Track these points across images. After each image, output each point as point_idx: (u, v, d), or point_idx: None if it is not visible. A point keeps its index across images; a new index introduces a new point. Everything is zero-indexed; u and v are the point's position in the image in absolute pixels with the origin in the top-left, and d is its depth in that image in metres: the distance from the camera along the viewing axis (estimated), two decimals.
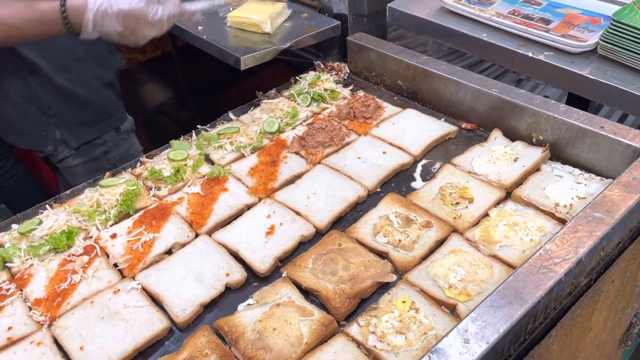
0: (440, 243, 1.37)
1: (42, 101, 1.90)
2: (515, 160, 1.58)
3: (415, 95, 1.94)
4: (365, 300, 1.27)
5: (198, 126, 1.91)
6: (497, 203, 1.47)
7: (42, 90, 1.88)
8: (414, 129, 1.76)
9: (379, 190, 1.58)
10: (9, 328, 1.24)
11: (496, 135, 1.69)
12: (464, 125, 1.79)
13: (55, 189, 3.23)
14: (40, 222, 1.45)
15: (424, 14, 2.07)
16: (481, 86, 1.72)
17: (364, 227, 1.43)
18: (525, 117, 1.63)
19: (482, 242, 1.35)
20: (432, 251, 1.36)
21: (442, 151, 1.71)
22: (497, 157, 1.60)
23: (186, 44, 3.64)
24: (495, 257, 1.32)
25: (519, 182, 1.52)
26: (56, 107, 1.93)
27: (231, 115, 1.98)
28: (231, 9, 2.23)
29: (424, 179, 1.61)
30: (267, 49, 1.97)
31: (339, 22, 2.14)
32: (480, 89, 1.71)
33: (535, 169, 1.56)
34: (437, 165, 1.64)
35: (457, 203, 1.46)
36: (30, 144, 2.03)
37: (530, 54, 1.77)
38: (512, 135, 1.68)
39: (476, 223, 1.42)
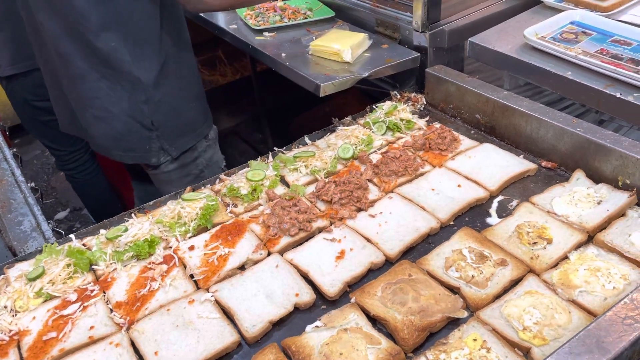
0: (515, 283, 1.33)
1: (145, 116, 2.02)
2: (598, 203, 1.52)
3: (493, 130, 1.91)
4: (433, 334, 1.25)
5: (275, 148, 1.98)
6: (578, 246, 1.41)
7: (147, 107, 2.00)
8: (491, 164, 1.73)
9: (452, 223, 1.56)
10: (91, 327, 1.31)
11: (579, 176, 1.63)
12: (544, 164, 1.74)
13: (123, 188, 3.44)
14: (126, 230, 1.54)
15: (506, 50, 2.04)
16: (565, 125, 1.68)
17: (436, 260, 1.41)
18: (611, 159, 1.57)
19: (560, 286, 1.30)
20: (506, 290, 1.32)
21: (519, 188, 1.67)
22: (579, 199, 1.54)
23: (265, 69, 3.81)
24: (574, 302, 1.26)
25: (602, 226, 1.46)
26: (158, 121, 2.05)
27: (307, 139, 2.03)
28: (314, 37, 2.31)
29: (500, 216, 1.57)
30: (347, 77, 2.02)
31: (419, 54, 2.16)
32: (564, 128, 1.67)
33: (621, 213, 1.49)
34: (514, 203, 1.60)
35: (534, 243, 1.42)
36: (136, 158, 2.14)
37: (618, 95, 1.70)
38: (595, 177, 1.62)
39: (554, 265, 1.37)
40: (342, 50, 2.10)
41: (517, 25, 2.19)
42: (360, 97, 3.16)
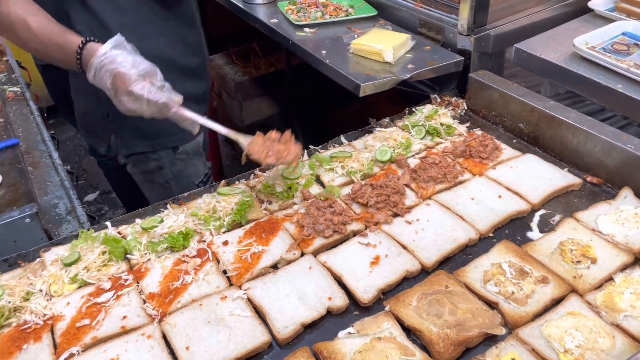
0: (556, 302, 1.29)
1: (103, 107, 2.02)
2: None
3: (536, 140, 1.86)
4: (469, 350, 1.22)
5: (310, 146, 1.95)
6: (624, 268, 1.36)
7: (105, 97, 1.85)
8: (533, 176, 1.68)
9: (491, 235, 1.52)
10: (124, 317, 1.31)
11: (626, 194, 1.57)
12: (589, 179, 1.68)
13: None
14: (162, 221, 1.54)
15: (554, 58, 1.98)
16: (614, 140, 1.62)
17: (474, 273, 1.38)
18: None
19: (604, 308, 1.25)
20: (546, 309, 1.28)
21: (562, 203, 1.61)
22: (625, 218, 1.49)
23: (299, 64, 3.79)
24: (618, 326, 1.22)
25: None
26: (114, 116, 2.03)
27: (343, 139, 2.00)
28: (355, 35, 2.27)
29: (542, 230, 1.52)
30: (388, 78, 1.98)
31: (462, 58, 2.11)
32: (613, 143, 1.61)
33: None
34: (557, 218, 1.55)
35: (578, 261, 1.37)
36: (91, 141, 2.23)
37: None
38: None
39: (598, 286, 1.32)
40: (384, 50, 2.06)
41: (565, 34, 2.12)
42: (394, 97, 3.11)
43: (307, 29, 2.39)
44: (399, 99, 2.93)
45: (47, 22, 1.68)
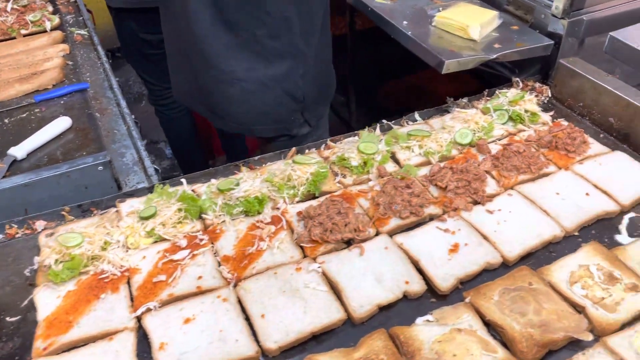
0: None
1: (299, 89, 1.93)
2: None
3: (627, 137, 1.75)
4: (552, 352, 1.17)
5: (384, 121, 1.89)
6: None
7: (302, 81, 1.91)
8: (624, 175, 1.59)
9: (576, 234, 1.45)
10: (199, 277, 1.31)
11: None
12: None
13: (207, 133, 3.46)
14: (238, 184, 1.52)
15: None
16: None
17: (560, 272, 1.32)
18: None
19: None
20: (636, 319, 1.22)
21: None
22: None
23: (363, 29, 3.67)
24: None
25: None
26: (307, 94, 1.96)
27: (417, 116, 1.93)
28: (440, 8, 2.17)
29: (631, 235, 1.45)
30: (473, 56, 1.89)
31: (552, 42, 1.99)
32: None
33: None
34: None
35: None
36: (278, 130, 2.03)
37: None
38: None
39: None
40: (471, 26, 1.96)
41: None
42: (457, 75, 3.00)
43: None
44: (464, 77, 2.82)
45: None
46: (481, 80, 2.65)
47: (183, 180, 1.58)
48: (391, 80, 3.70)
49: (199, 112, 2.14)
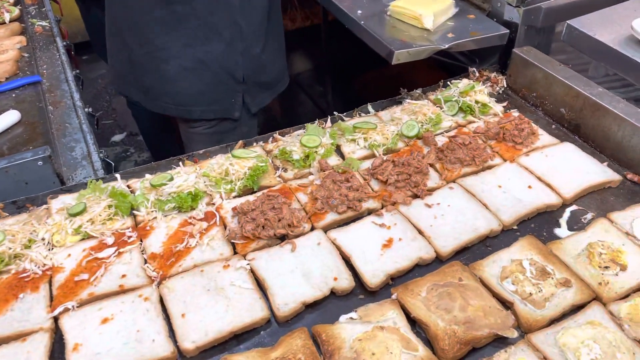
0: (577, 308, 1.20)
1: (239, 68, 1.89)
2: None
3: (577, 128, 1.72)
4: (475, 350, 1.15)
5: (335, 113, 1.86)
6: None
7: (242, 59, 1.87)
8: (569, 167, 1.56)
9: (515, 227, 1.42)
10: (123, 275, 1.28)
11: None
12: (629, 176, 1.55)
13: None
14: (171, 179, 1.49)
15: (608, 40, 1.81)
16: None
17: (491, 267, 1.29)
18: None
19: (628, 321, 1.16)
20: (564, 315, 1.19)
21: (597, 200, 1.50)
22: None
23: (337, 20, 3.63)
24: None
25: None
26: (247, 75, 1.93)
27: (370, 108, 1.90)
28: None
29: (571, 228, 1.42)
30: (424, 47, 1.85)
31: (508, 31, 1.95)
32: None
33: None
34: (589, 216, 1.44)
35: (606, 267, 1.27)
36: (219, 112, 2.00)
37: None
38: None
39: (625, 296, 1.22)
40: (424, 15, 1.92)
41: (624, 14, 1.93)
42: (431, 65, 2.96)
43: None
44: (437, 68, 2.78)
45: None
46: (451, 71, 2.61)
47: (117, 175, 1.55)
48: (370, 70, 3.66)
49: (132, 97, 2.06)
